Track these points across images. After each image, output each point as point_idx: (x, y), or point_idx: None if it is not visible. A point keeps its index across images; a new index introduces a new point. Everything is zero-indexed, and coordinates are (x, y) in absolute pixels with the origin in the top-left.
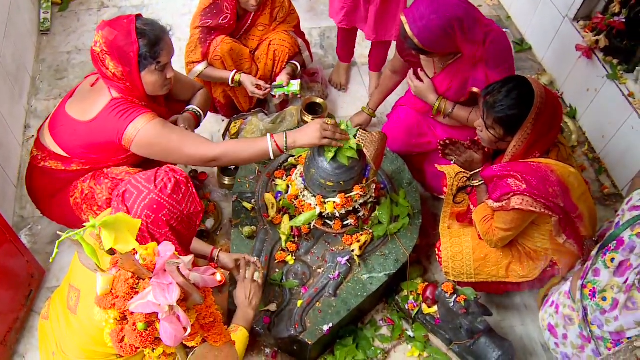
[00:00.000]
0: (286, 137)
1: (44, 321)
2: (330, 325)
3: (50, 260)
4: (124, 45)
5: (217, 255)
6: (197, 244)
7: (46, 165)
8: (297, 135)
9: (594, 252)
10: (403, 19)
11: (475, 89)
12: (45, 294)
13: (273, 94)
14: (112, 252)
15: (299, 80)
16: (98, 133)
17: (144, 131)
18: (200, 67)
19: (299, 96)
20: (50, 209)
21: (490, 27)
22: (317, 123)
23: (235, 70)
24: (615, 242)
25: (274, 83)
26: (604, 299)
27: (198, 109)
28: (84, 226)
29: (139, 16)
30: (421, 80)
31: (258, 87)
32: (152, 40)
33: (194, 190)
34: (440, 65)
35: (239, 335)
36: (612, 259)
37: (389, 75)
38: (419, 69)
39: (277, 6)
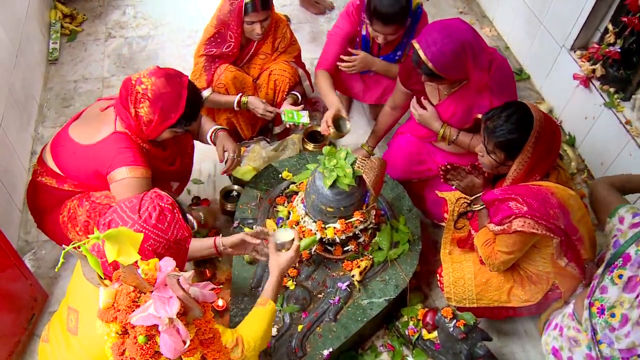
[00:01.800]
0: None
1: (44, 344)
2: (331, 350)
3: (56, 269)
4: (172, 104)
5: (221, 242)
6: (197, 242)
7: (42, 180)
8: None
9: (599, 271)
10: (416, 45)
11: (479, 116)
12: (48, 318)
13: (284, 119)
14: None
15: (307, 112)
16: (93, 160)
17: (126, 182)
18: (205, 94)
19: (308, 125)
20: (44, 224)
21: (494, 55)
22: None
23: (240, 94)
24: (621, 259)
25: (286, 109)
26: (613, 315)
27: (220, 125)
28: (88, 237)
29: (189, 79)
30: (425, 109)
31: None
32: (195, 115)
33: (180, 217)
34: (446, 92)
35: (268, 309)
36: (620, 276)
37: (388, 111)
38: (422, 98)
39: (279, 36)
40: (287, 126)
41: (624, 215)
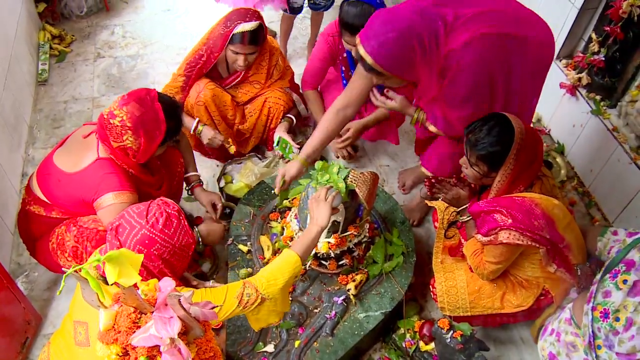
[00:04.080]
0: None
1: None
2: None
3: (58, 293)
4: (153, 124)
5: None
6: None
7: (31, 209)
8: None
9: (598, 277)
10: (357, 39)
11: None
12: (42, 341)
13: (275, 146)
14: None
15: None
16: (78, 187)
17: (113, 208)
18: None
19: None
20: (35, 251)
21: (456, 56)
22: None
23: (197, 120)
24: (623, 265)
25: (277, 137)
26: (617, 319)
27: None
28: (88, 260)
29: (155, 91)
30: (390, 99)
31: (209, 144)
32: (177, 123)
33: (186, 223)
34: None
35: (285, 256)
36: (625, 281)
37: (334, 113)
38: (385, 90)
39: (274, 64)
40: (276, 153)
41: (615, 229)
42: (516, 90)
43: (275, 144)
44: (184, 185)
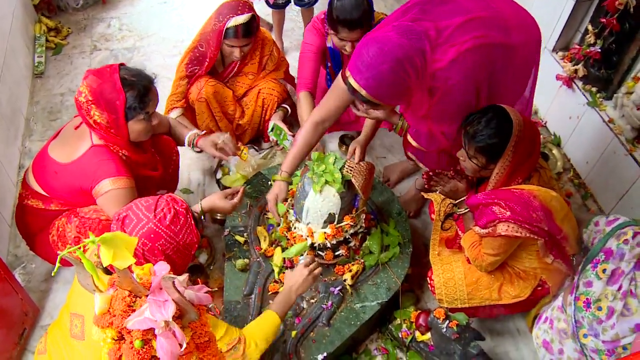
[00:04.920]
0: (201, 207)
1: (42, 356)
2: (325, 354)
3: (53, 274)
4: (110, 94)
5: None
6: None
7: (29, 203)
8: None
9: (580, 267)
10: (347, 72)
11: None
12: (39, 332)
13: (269, 132)
14: (108, 272)
15: (292, 140)
16: (75, 177)
17: (112, 194)
18: (173, 115)
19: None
20: (35, 245)
21: (444, 76)
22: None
23: (194, 131)
24: (602, 253)
25: (272, 124)
26: (599, 308)
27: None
28: (83, 241)
29: (122, 65)
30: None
31: (220, 147)
32: (140, 92)
33: (192, 222)
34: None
35: (268, 316)
36: (604, 270)
37: (313, 127)
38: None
39: (266, 54)
40: (271, 139)
41: (597, 219)
42: (499, 92)
43: (269, 130)
44: (192, 146)
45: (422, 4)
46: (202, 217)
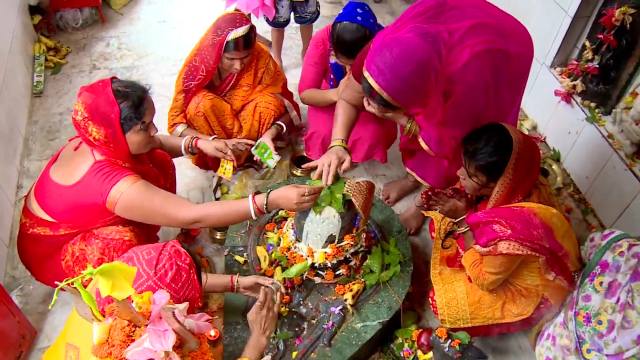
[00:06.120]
0: (267, 199)
1: None
2: None
3: (50, 307)
4: (104, 108)
5: (237, 281)
6: (215, 279)
7: (35, 231)
8: (277, 198)
9: (578, 282)
10: (365, 73)
11: None
12: (36, 355)
13: (253, 151)
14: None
15: (279, 158)
16: (83, 196)
17: (127, 193)
18: (179, 129)
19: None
20: (42, 273)
21: (458, 79)
22: (294, 192)
23: (189, 136)
24: (598, 266)
25: (258, 142)
26: (600, 322)
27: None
28: (81, 273)
29: (114, 79)
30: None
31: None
32: (135, 102)
33: (195, 277)
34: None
35: None
36: (601, 283)
37: (345, 104)
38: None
39: (262, 67)
40: (255, 158)
41: (592, 235)
42: (495, 103)
43: (253, 148)
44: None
45: (431, 9)
46: (265, 209)
